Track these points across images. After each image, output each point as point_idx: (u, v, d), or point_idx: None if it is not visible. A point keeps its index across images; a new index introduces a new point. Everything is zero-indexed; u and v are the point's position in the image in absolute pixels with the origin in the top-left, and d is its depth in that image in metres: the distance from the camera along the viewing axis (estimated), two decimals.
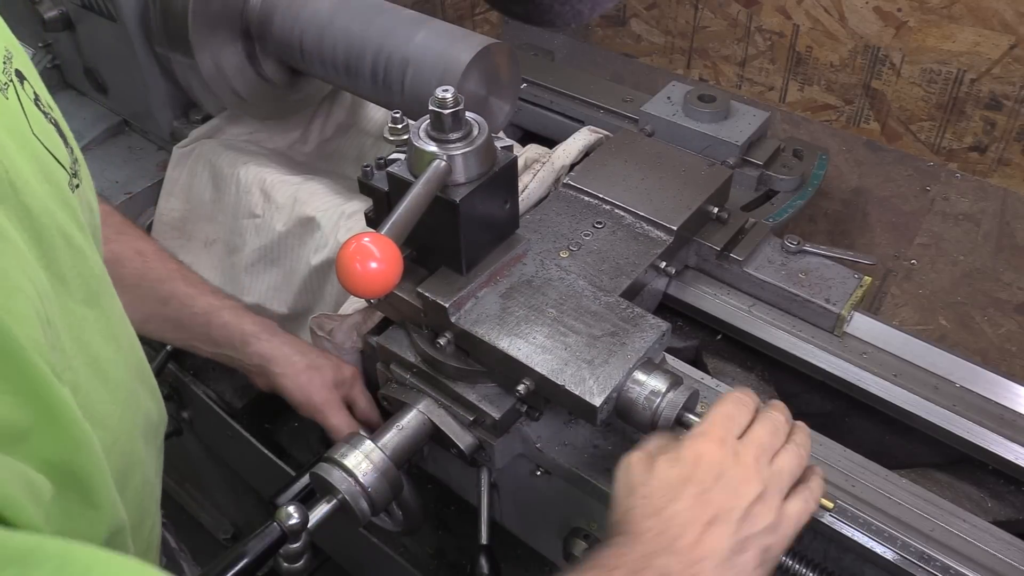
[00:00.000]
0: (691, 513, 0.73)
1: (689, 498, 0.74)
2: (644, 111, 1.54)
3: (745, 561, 0.73)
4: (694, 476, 0.76)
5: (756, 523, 0.74)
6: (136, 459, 0.76)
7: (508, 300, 0.98)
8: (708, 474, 0.76)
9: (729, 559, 0.72)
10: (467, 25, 2.40)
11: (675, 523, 0.73)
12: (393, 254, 0.73)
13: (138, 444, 0.77)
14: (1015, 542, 0.96)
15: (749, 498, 0.75)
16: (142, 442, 0.78)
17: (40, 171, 0.64)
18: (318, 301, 1.32)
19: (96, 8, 1.37)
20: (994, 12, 1.84)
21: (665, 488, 0.76)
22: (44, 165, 0.65)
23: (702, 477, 0.76)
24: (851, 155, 2.08)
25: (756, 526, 0.74)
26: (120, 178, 1.49)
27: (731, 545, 0.72)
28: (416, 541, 1.31)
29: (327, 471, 0.96)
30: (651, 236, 1.19)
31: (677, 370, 0.97)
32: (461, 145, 0.88)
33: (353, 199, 1.29)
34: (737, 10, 2.22)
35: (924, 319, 1.86)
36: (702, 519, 0.73)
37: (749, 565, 0.73)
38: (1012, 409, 1.10)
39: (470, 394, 1.01)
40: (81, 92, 1.63)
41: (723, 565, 0.72)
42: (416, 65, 1.21)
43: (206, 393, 1.54)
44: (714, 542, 0.72)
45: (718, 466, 0.76)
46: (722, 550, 0.72)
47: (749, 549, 0.73)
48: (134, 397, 0.77)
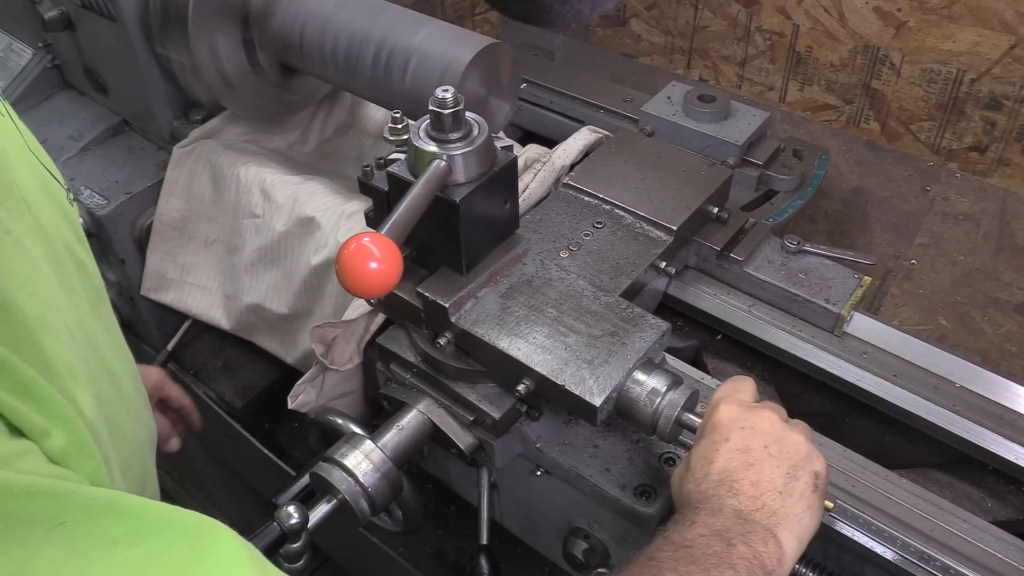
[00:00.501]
0: (733, 462, 0.78)
1: (725, 452, 0.79)
2: (644, 111, 1.54)
3: (802, 488, 0.77)
4: (721, 435, 0.80)
5: (796, 452, 0.79)
6: (149, 469, 0.77)
7: (508, 300, 0.98)
8: (733, 428, 0.80)
9: (786, 487, 0.77)
10: (467, 25, 2.40)
11: (725, 476, 0.78)
12: (393, 254, 0.73)
13: (148, 455, 0.78)
14: (1015, 542, 0.96)
15: (777, 434, 0.80)
16: (150, 453, 0.79)
17: (42, 186, 0.64)
18: (318, 301, 1.32)
19: (96, 8, 1.37)
20: (994, 12, 1.84)
21: (701, 459, 0.80)
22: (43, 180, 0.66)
23: (728, 433, 0.80)
24: (851, 155, 2.08)
25: (798, 454, 0.79)
26: (120, 178, 1.49)
27: (783, 474, 0.77)
28: (416, 541, 1.32)
29: (327, 471, 0.96)
30: (651, 236, 1.19)
31: (677, 370, 0.97)
32: (461, 145, 0.88)
33: (353, 199, 1.29)
34: (737, 10, 2.22)
35: (924, 319, 1.86)
36: (746, 461, 0.78)
37: (807, 490, 0.77)
38: (1012, 409, 1.10)
39: (470, 394, 1.01)
40: (81, 92, 1.63)
41: (783, 493, 0.76)
42: (416, 65, 1.21)
43: (206, 393, 1.54)
44: (767, 475, 0.77)
45: (740, 420, 0.81)
46: (777, 480, 0.77)
47: (800, 476, 0.78)
48: (141, 408, 0.78)
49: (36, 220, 0.58)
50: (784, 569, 0.74)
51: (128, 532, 0.43)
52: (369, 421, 1.18)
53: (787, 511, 0.76)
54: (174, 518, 0.46)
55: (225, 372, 1.59)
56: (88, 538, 0.42)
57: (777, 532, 0.74)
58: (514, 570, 1.25)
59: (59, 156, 1.52)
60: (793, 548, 0.75)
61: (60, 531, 0.41)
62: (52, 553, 0.41)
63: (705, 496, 0.77)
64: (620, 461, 1.00)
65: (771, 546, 0.73)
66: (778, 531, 0.74)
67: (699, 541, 0.72)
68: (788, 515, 0.76)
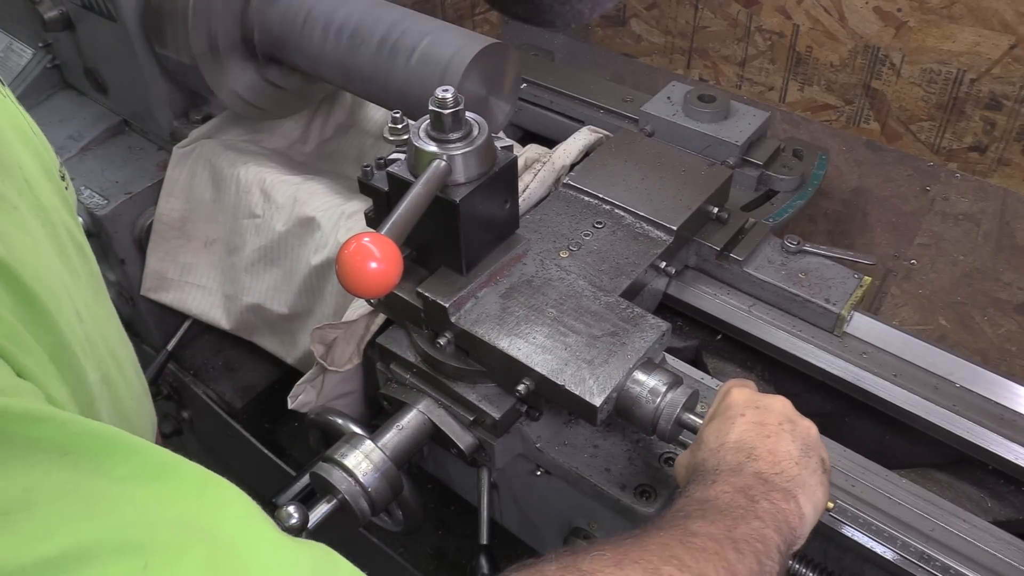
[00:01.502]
0: (750, 433, 0.80)
1: (741, 424, 0.80)
2: (644, 111, 1.54)
3: (815, 464, 0.79)
4: (736, 411, 0.82)
5: (808, 434, 0.81)
6: None
7: (508, 300, 0.98)
8: (748, 407, 0.82)
9: (800, 460, 0.78)
10: (467, 25, 2.40)
11: (743, 444, 0.79)
12: (393, 254, 0.73)
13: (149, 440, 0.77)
14: (1015, 542, 0.96)
15: (790, 415, 0.82)
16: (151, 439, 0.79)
17: (42, 168, 0.64)
18: (318, 301, 1.31)
19: (96, 8, 1.37)
20: (994, 12, 1.84)
21: (716, 433, 0.81)
22: (44, 162, 0.66)
23: (744, 410, 0.82)
24: (851, 155, 2.08)
25: (810, 436, 0.81)
26: (120, 178, 1.49)
27: (798, 448, 0.79)
28: (416, 541, 1.31)
29: (327, 471, 0.96)
30: (651, 236, 1.19)
31: (677, 370, 0.97)
32: (461, 145, 0.88)
33: (353, 199, 1.29)
34: (737, 10, 2.22)
35: (924, 319, 1.86)
36: (763, 434, 0.79)
37: (818, 469, 0.79)
38: (1012, 409, 1.10)
39: (470, 394, 1.01)
40: (81, 92, 1.63)
41: (799, 463, 0.78)
42: (416, 64, 1.21)
43: (206, 393, 1.54)
44: (784, 446, 0.78)
45: (754, 400, 0.83)
46: (793, 452, 0.78)
47: (812, 455, 0.79)
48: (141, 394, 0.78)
49: (38, 200, 0.58)
50: (804, 531, 0.75)
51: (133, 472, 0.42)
52: (369, 421, 1.18)
53: (804, 479, 0.77)
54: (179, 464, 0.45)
55: (225, 372, 1.59)
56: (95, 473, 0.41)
57: (796, 495, 0.75)
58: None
59: (59, 156, 1.52)
60: (810, 514, 0.76)
61: (66, 460, 0.40)
62: (58, 480, 0.40)
63: (724, 461, 0.78)
64: (620, 461, 1.00)
65: (792, 505, 0.74)
66: (797, 494, 0.76)
67: (723, 496, 0.73)
68: (806, 482, 0.77)
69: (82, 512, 0.39)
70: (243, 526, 0.45)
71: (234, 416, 1.50)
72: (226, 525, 0.44)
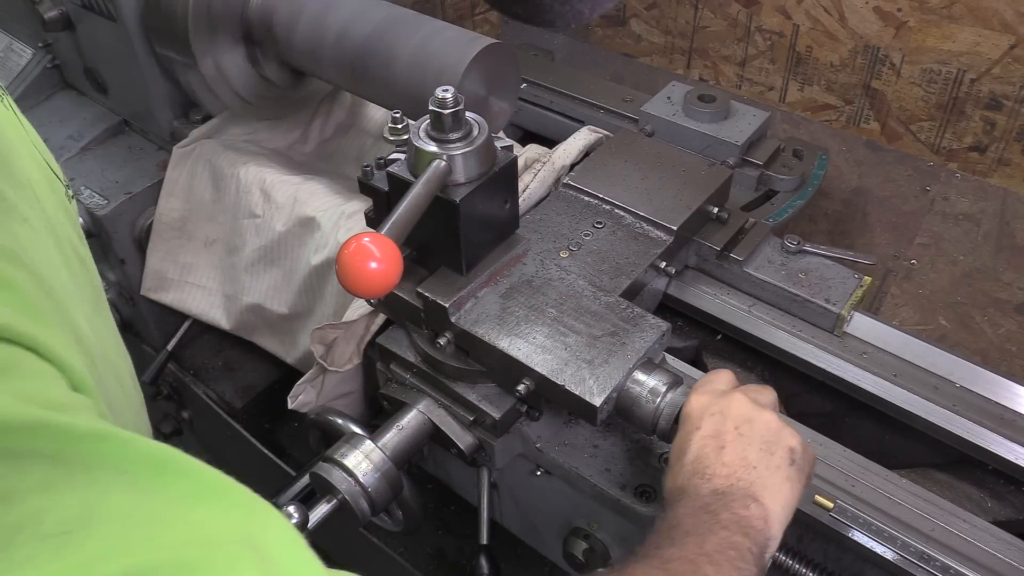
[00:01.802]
0: (705, 448, 0.80)
1: (697, 440, 0.81)
2: (644, 111, 1.54)
3: (777, 461, 0.80)
4: (692, 425, 0.83)
5: (767, 430, 0.81)
6: None
7: (508, 300, 0.98)
8: (704, 416, 0.83)
9: (760, 461, 0.79)
10: (467, 25, 2.40)
11: (698, 464, 0.80)
12: (393, 254, 0.73)
13: None
14: (1015, 542, 0.96)
15: (748, 414, 0.82)
16: None
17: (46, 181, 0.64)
18: (318, 301, 1.31)
19: (96, 8, 1.37)
20: (994, 12, 1.84)
21: (677, 452, 0.83)
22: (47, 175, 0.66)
23: (699, 422, 0.83)
24: (851, 155, 2.08)
25: (769, 431, 0.81)
26: (120, 178, 1.49)
27: (756, 450, 0.79)
28: (416, 541, 1.31)
29: (327, 471, 0.96)
30: (651, 236, 1.19)
31: (677, 370, 0.97)
32: (461, 145, 0.88)
33: (353, 199, 1.29)
34: (737, 10, 2.22)
35: (924, 319, 1.86)
36: (718, 446, 0.80)
37: (783, 463, 0.80)
38: (1012, 409, 1.10)
39: (470, 394, 1.01)
40: (81, 92, 1.63)
41: (758, 467, 0.78)
42: (416, 64, 1.21)
43: (206, 393, 1.54)
44: (738, 453, 0.79)
45: (710, 407, 0.83)
46: (750, 456, 0.79)
47: (775, 452, 0.80)
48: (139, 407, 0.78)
49: (44, 212, 0.59)
50: (773, 530, 0.76)
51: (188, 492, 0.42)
52: (369, 421, 1.18)
53: (764, 481, 0.78)
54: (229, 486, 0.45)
55: (225, 372, 1.59)
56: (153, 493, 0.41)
57: (758, 496, 0.76)
58: (514, 570, 1.25)
59: (59, 156, 1.52)
60: (778, 510, 0.77)
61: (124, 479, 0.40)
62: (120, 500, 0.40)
63: (682, 489, 0.79)
64: (620, 461, 1.00)
65: (754, 509, 0.75)
66: (759, 495, 0.76)
67: (685, 519, 0.74)
68: (766, 484, 0.77)
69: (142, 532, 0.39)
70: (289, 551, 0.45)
71: (234, 416, 1.50)
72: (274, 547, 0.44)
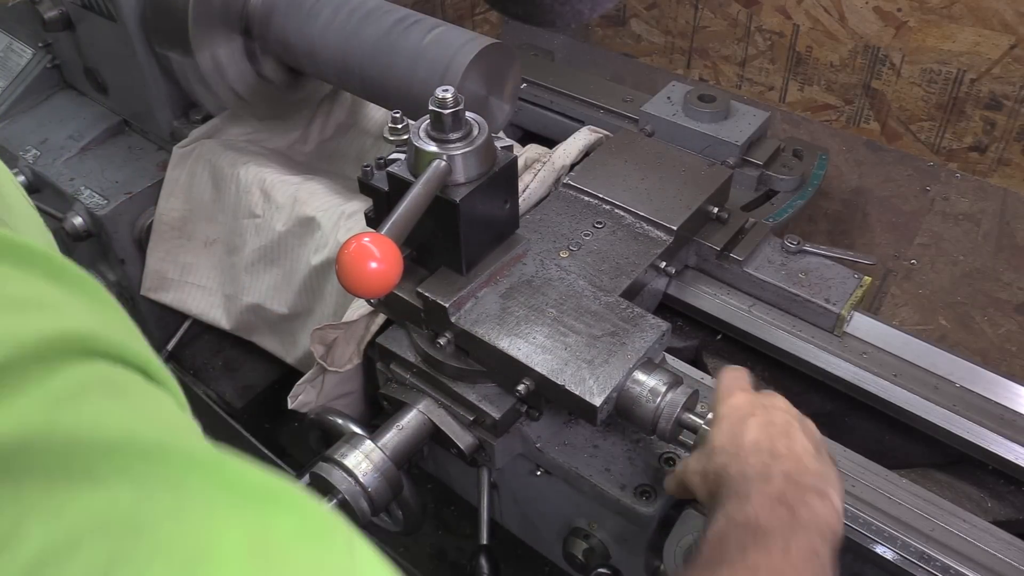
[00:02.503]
0: (764, 432, 0.80)
1: (754, 425, 0.80)
2: (644, 111, 1.54)
3: (827, 456, 0.80)
4: (747, 412, 0.82)
5: (815, 431, 0.82)
6: None
7: (508, 300, 0.98)
8: (756, 406, 0.83)
9: (816, 455, 0.79)
10: (467, 25, 2.40)
11: (760, 444, 0.78)
12: (393, 254, 0.73)
13: None
14: (1015, 542, 0.96)
15: (796, 412, 0.83)
16: None
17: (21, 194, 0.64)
18: (318, 301, 1.31)
19: (96, 8, 1.37)
20: (994, 12, 1.84)
21: (730, 436, 0.81)
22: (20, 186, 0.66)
23: (752, 409, 0.82)
24: (851, 155, 2.08)
25: (816, 432, 0.82)
26: (120, 178, 1.49)
27: (813, 442, 0.80)
28: (416, 541, 1.32)
29: (327, 471, 0.96)
30: (651, 236, 1.19)
31: (677, 370, 0.97)
32: (461, 145, 0.88)
33: (353, 199, 1.29)
34: (737, 10, 2.22)
35: (924, 319, 1.86)
36: (776, 432, 0.80)
37: (831, 462, 0.80)
38: (1012, 409, 1.10)
39: (470, 394, 1.01)
40: (81, 92, 1.63)
41: (816, 458, 0.78)
42: (416, 65, 1.21)
43: (206, 393, 1.54)
44: (799, 441, 0.79)
45: (757, 401, 0.84)
46: (808, 445, 0.79)
47: (823, 450, 0.81)
48: None
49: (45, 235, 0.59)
50: (841, 526, 0.75)
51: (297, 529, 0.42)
52: (369, 421, 1.18)
53: (828, 473, 0.78)
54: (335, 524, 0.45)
55: (225, 372, 1.59)
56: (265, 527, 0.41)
57: (827, 491, 0.76)
58: (514, 570, 1.25)
59: (59, 156, 1.52)
60: (841, 508, 0.77)
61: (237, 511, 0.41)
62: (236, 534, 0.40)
63: (748, 464, 0.77)
64: (620, 461, 1.00)
65: (827, 505, 0.75)
66: (827, 490, 0.76)
67: (763, 513, 0.72)
68: (829, 475, 0.77)
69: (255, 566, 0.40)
70: None
71: (234, 416, 1.50)
72: None
